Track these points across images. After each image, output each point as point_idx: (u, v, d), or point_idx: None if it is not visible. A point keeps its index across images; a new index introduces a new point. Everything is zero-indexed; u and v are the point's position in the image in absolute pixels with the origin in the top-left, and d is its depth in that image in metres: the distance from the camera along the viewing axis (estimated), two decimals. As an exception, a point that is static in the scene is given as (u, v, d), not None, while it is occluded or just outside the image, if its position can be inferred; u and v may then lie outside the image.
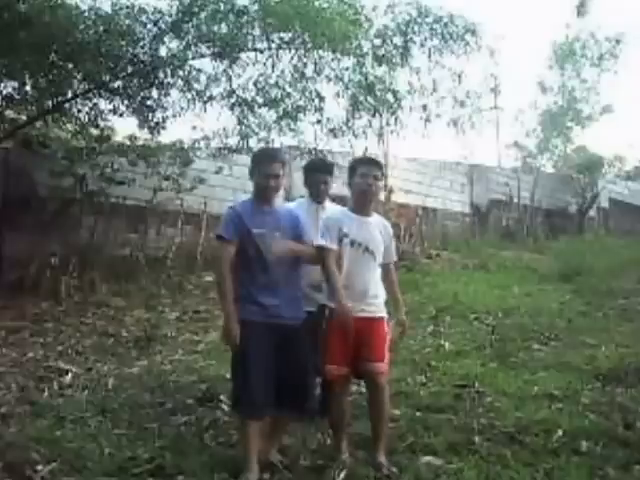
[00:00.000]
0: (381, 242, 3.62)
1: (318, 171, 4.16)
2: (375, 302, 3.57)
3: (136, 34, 7.61)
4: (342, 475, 3.28)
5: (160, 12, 7.59)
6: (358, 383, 4.91)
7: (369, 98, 8.50)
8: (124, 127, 9.46)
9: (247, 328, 3.35)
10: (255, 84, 8.40)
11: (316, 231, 3.83)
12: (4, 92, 8.12)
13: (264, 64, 8.18)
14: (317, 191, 4.12)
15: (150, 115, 8.57)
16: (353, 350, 3.46)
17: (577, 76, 20.60)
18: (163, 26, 7.63)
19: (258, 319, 3.36)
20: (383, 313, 3.60)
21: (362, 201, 3.64)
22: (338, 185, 4.34)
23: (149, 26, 7.62)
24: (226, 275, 3.39)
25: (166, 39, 7.75)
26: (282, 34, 7.82)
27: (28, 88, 8.07)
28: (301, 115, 8.62)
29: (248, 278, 3.41)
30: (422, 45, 8.54)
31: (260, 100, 8.49)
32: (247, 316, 3.37)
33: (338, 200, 4.37)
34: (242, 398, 3.37)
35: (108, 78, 8.02)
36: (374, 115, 8.83)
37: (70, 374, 5.25)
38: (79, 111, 8.65)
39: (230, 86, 8.43)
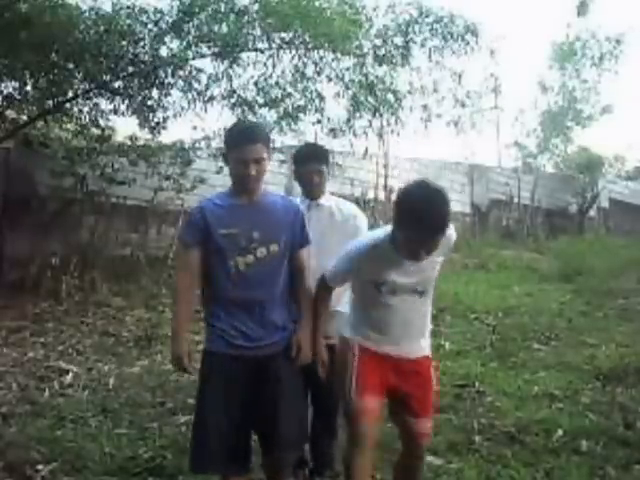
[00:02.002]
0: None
1: (309, 159, 3.40)
2: (420, 344, 2.89)
3: (137, 34, 7.61)
4: None
5: (161, 12, 7.59)
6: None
7: (369, 98, 8.50)
8: (125, 127, 9.48)
9: (207, 361, 2.76)
10: (256, 84, 8.40)
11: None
12: (5, 92, 8.12)
13: (265, 64, 8.19)
14: (309, 184, 3.37)
15: (151, 115, 8.58)
16: (392, 384, 2.74)
17: (577, 76, 20.59)
18: (164, 26, 7.63)
19: (222, 350, 2.68)
20: (427, 350, 2.94)
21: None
22: (337, 185, 4.23)
23: (150, 26, 7.62)
24: (182, 288, 2.75)
25: (167, 39, 7.75)
26: (283, 34, 7.82)
27: (29, 88, 8.07)
28: (302, 115, 8.62)
29: (213, 294, 2.73)
30: (423, 45, 8.53)
31: (261, 100, 8.49)
32: (208, 346, 2.75)
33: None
34: (192, 449, 2.69)
35: (109, 78, 8.02)
36: (374, 115, 8.83)
37: (71, 374, 5.25)
38: (80, 111, 8.65)
39: (231, 86, 8.43)
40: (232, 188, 2.76)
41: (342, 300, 3.35)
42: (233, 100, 8.50)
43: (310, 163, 3.37)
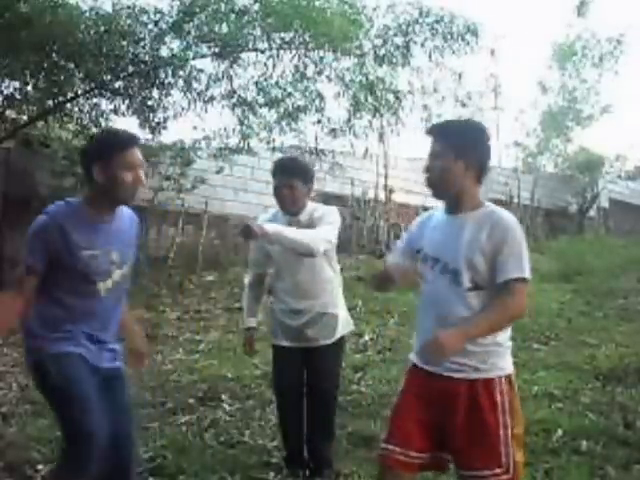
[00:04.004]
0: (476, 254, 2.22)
1: (278, 173, 3.30)
2: (473, 352, 2.23)
3: (137, 34, 7.62)
4: None
5: (161, 12, 7.60)
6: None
7: (370, 98, 8.51)
8: (125, 127, 9.47)
9: (68, 360, 2.37)
10: (256, 84, 8.40)
11: (286, 253, 3.18)
12: (5, 92, 8.12)
13: (265, 64, 8.19)
14: (280, 198, 3.28)
15: (151, 115, 8.58)
16: (433, 426, 2.24)
17: (577, 76, 20.61)
18: (164, 26, 7.64)
19: (77, 351, 2.41)
20: (489, 372, 2.27)
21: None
22: (337, 185, 4.21)
23: (150, 26, 7.63)
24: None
25: (167, 39, 7.76)
26: (283, 34, 7.82)
27: (29, 88, 8.06)
28: (302, 115, 8.64)
29: (69, 316, 2.41)
30: (423, 45, 8.53)
31: (261, 100, 8.50)
32: (57, 349, 2.38)
33: (337, 200, 4.16)
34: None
35: (109, 78, 8.02)
36: (375, 115, 8.84)
37: (71, 374, 5.25)
38: (80, 111, 8.65)
39: (231, 86, 8.44)
40: (89, 201, 2.42)
41: (333, 302, 3.34)
42: (233, 100, 8.51)
43: (278, 176, 3.28)
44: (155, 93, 8.37)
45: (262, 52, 8.13)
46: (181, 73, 8.05)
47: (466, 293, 2.23)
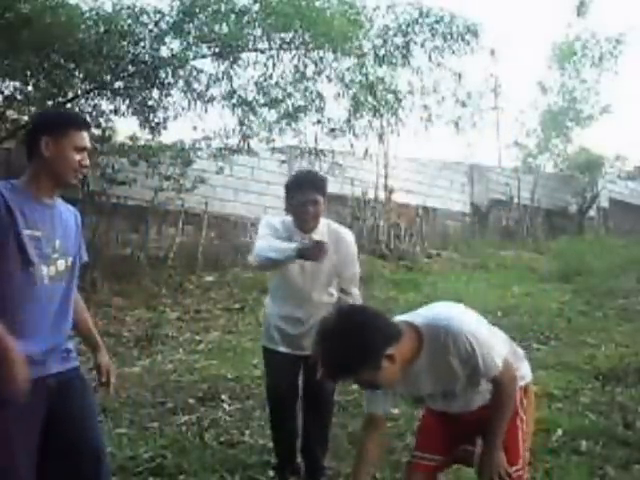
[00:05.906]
0: None
1: (305, 187, 3.12)
2: None
3: (137, 34, 7.62)
4: None
5: (161, 12, 7.59)
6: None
7: (370, 98, 8.50)
8: (125, 127, 9.48)
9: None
10: (256, 84, 8.41)
11: (303, 278, 3.17)
12: (5, 92, 8.13)
13: (265, 64, 8.19)
14: (304, 215, 3.12)
15: (151, 115, 8.58)
16: (458, 437, 2.46)
17: (577, 76, 20.62)
18: (164, 26, 7.64)
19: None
20: None
21: None
22: (337, 185, 4.16)
23: (150, 26, 7.62)
24: None
25: (167, 39, 7.76)
26: (283, 34, 7.82)
27: (30, 88, 8.07)
28: (302, 115, 8.64)
29: (12, 312, 2.08)
30: (423, 45, 8.54)
31: (261, 100, 8.50)
32: None
33: (337, 200, 4.13)
34: None
35: (109, 78, 8.03)
36: (375, 115, 8.84)
37: (71, 374, 5.26)
38: (80, 111, 8.62)
39: (231, 86, 8.44)
40: (32, 179, 2.26)
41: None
42: (233, 100, 8.51)
43: (306, 191, 3.11)
44: (155, 93, 8.37)
45: (262, 52, 8.13)
46: (181, 73, 8.06)
47: (469, 394, 2.35)
